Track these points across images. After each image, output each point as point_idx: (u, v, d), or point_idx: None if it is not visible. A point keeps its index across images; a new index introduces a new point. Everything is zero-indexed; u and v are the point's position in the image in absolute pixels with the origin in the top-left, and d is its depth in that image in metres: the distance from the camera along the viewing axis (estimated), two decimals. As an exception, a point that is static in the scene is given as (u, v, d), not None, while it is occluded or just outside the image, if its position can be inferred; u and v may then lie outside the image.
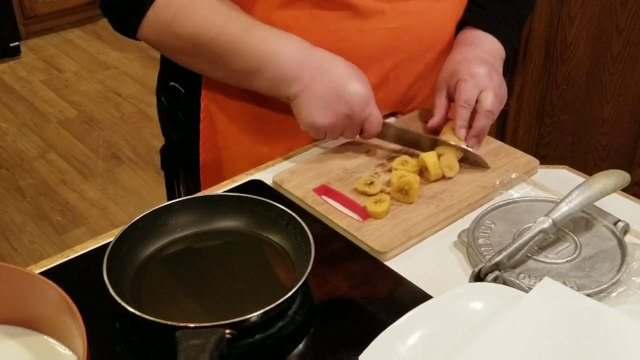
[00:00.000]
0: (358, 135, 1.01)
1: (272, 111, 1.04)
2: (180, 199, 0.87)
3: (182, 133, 1.13)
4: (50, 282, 0.63)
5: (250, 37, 0.93)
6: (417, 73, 1.08)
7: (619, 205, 0.91)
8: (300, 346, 0.74)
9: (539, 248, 0.83)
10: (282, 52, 0.93)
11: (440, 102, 1.04)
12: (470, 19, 1.10)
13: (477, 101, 0.99)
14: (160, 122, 1.19)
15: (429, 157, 0.95)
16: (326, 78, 0.93)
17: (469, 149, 0.99)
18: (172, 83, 1.10)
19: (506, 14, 1.11)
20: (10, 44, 3.57)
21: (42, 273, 0.80)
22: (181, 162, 1.16)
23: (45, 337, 0.67)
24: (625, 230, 0.86)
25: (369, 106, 0.96)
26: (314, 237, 0.79)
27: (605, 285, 0.78)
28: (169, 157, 1.18)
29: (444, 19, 1.07)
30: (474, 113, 0.99)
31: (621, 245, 0.83)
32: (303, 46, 0.95)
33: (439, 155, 0.97)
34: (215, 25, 0.93)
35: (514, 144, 1.04)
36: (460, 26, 1.11)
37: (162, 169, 1.20)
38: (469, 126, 0.99)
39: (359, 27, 0.99)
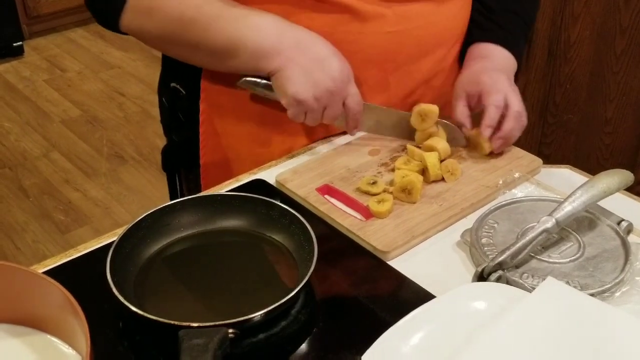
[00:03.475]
0: (346, 126, 1.01)
1: (270, 113, 1.04)
2: (184, 198, 0.87)
3: (182, 134, 1.13)
4: (53, 281, 0.63)
5: (228, 15, 0.94)
6: (420, 77, 1.08)
7: (622, 205, 0.91)
8: (303, 346, 0.74)
9: (543, 247, 0.83)
10: (261, 26, 0.94)
11: (460, 110, 1.04)
12: (482, 36, 1.10)
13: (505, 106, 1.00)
14: (161, 122, 1.19)
15: (430, 158, 0.95)
16: (308, 53, 0.94)
17: (446, 122, 1.01)
18: (173, 84, 1.10)
19: (515, 24, 1.11)
20: (14, 44, 3.57)
21: (46, 272, 0.80)
22: (182, 163, 1.16)
23: (48, 336, 0.67)
24: (629, 229, 0.86)
25: (350, 83, 0.96)
26: (316, 237, 0.79)
27: (609, 285, 0.78)
28: (169, 158, 1.19)
29: (446, 22, 1.07)
30: (501, 118, 1.00)
31: (624, 244, 0.83)
32: (281, 21, 0.95)
33: (442, 159, 0.97)
34: (192, 7, 0.94)
35: (517, 143, 1.04)
36: (469, 41, 1.12)
37: (163, 169, 1.20)
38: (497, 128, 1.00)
39: (358, 30, 1.00)
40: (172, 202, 0.86)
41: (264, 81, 0.97)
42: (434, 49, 1.07)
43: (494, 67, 1.06)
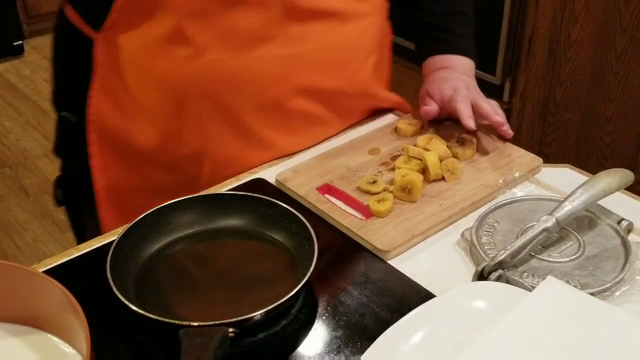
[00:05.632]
0: None
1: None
2: (184, 197, 0.87)
3: (74, 162, 1.10)
4: (54, 280, 0.63)
5: None
6: (325, 97, 1.04)
7: (622, 204, 0.91)
8: (303, 345, 0.74)
9: (543, 247, 0.83)
10: None
11: (428, 100, 1.06)
12: (436, 49, 1.10)
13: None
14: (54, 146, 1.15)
15: (430, 157, 0.95)
16: None
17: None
18: (63, 113, 1.10)
19: (461, 24, 1.11)
20: (14, 43, 3.57)
21: (46, 272, 0.80)
22: (79, 194, 1.11)
23: (49, 335, 0.67)
24: (629, 229, 0.86)
25: None
26: (316, 236, 0.79)
27: (609, 284, 0.78)
28: (67, 190, 1.15)
29: (350, 41, 1.02)
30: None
31: (625, 244, 0.83)
32: None
33: (442, 159, 0.97)
34: None
35: (517, 142, 1.04)
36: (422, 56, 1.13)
37: (57, 204, 1.16)
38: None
39: (246, 55, 0.94)
40: (173, 201, 0.86)
41: None
42: (339, 68, 1.03)
43: (455, 77, 1.07)
